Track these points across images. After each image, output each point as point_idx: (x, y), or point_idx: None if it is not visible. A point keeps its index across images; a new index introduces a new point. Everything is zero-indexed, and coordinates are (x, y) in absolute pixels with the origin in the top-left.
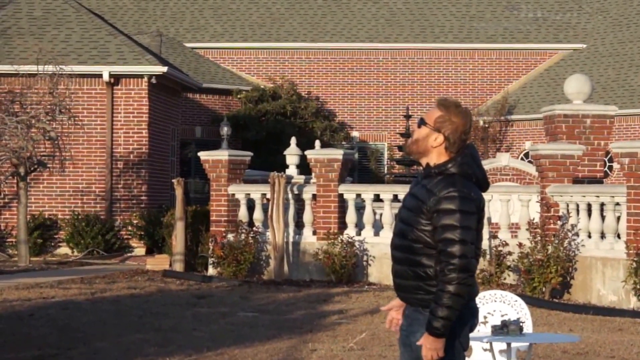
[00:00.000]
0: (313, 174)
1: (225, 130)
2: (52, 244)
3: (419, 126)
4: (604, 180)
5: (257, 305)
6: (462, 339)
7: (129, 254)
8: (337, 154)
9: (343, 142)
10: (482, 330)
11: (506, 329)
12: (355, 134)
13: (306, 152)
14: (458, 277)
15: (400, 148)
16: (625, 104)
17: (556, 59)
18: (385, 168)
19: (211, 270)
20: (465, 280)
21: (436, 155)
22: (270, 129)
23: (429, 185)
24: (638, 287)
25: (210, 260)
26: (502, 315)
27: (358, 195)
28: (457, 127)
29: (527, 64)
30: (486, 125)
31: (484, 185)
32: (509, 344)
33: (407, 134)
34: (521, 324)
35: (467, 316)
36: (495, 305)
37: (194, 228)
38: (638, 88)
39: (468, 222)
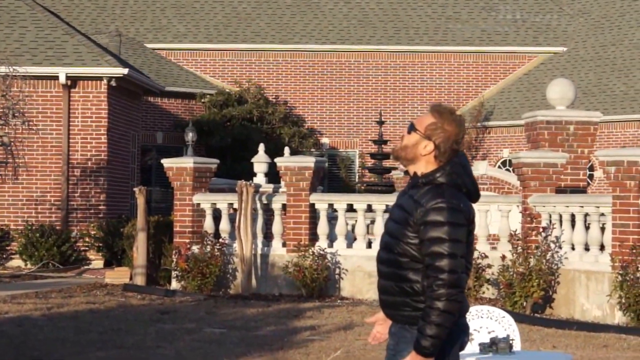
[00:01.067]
0: (283, 183)
1: (190, 136)
2: (4, 255)
3: (409, 132)
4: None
5: (224, 320)
6: (451, 358)
7: (87, 267)
8: (309, 161)
9: (312, 149)
10: (468, 348)
11: (495, 346)
12: (325, 140)
13: (276, 160)
14: (447, 293)
15: (372, 155)
16: (606, 110)
17: (536, 63)
18: (357, 176)
19: (175, 284)
20: (455, 297)
21: (424, 164)
22: (236, 135)
23: (416, 196)
24: (623, 301)
25: (174, 274)
26: (489, 332)
27: (330, 206)
28: (450, 135)
29: (505, 68)
30: None
31: (475, 195)
32: None
33: (380, 141)
34: (511, 342)
35: (457, 334)
36: (482, 321)
37: (157, 239)
38: (620, 94)
39: (457, 234)
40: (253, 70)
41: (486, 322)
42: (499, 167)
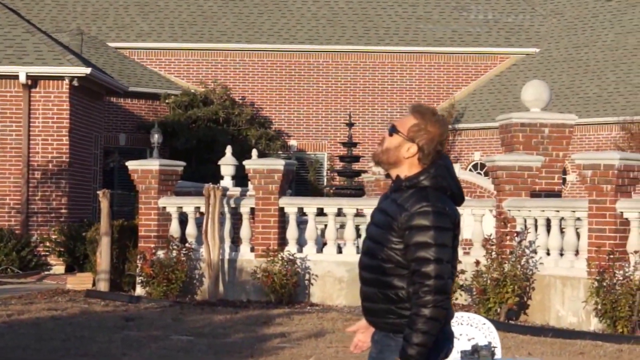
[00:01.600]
0: (251, 186)
1: (156, 137)
2: None
3: (391, 134)
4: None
5: (191, 328)
6: None
7: (47, 272)
8: (278, 164)
9: (280, 152)
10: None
11: (477, 354)
12: (292, 142)
13: (245, 162)
14: (434, 300)
15: (341, 158)
16: (579, 112)
17: (508, 64)
18: (325, 180)
19: (139, 290)
20: (441, 303)
21: (407, 167)
22: (201, 136)
23: (400, 200)
24: (600, 307)
25: (139, 279)
26: (469, 340)
27: (300, 210)
28: (433, 137)
29: (477, 69)
30: None
31: (459, 199)
32: None
33: (349, 143)
34: (493, 349)
35: (443, 341)
36: (462, 328)
37: (121, 244)
38: (593, 96)
39: (443, 239)
40: (219, 71)
41: (466, 329)
42: (470, 170)
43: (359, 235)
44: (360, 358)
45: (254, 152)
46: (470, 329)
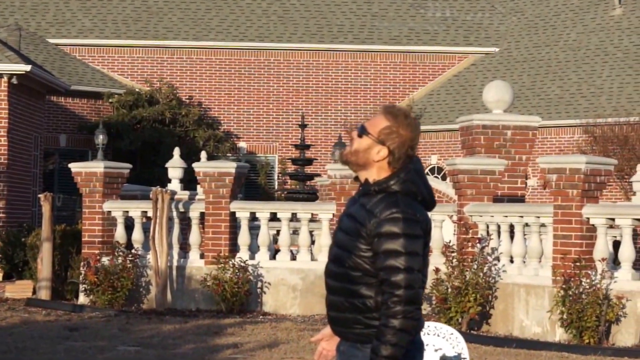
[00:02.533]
0: (200, 190)
1: (100, 138)
2: None
3: (360, 135)
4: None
5: (138, 338)
6: None
7: None
8: (230, 167)
9: (229, 154)
10: None
11: None
12: (242, 144)
13: (194, 165)
14: (404, 311)
15: (294, 161)
16: (541, 114)
17: (466, 64)
18: (276, 183)
19: (83, 299)
20: (412, 314)
21: (377, 170)
22: (147, 138)
23: (369, 205)
24: (565, 317)
25: (82, 287)
26: (436, 350)
27: (252, 214)
28: (405, 140)
29: (434, 69)
30: None
31: (430, 204)
32: None
33: (301, 145)
34: None
35: (413, 353)
36: (429, 338)
37: (63, 250)
38: (555, 97)
39: (414, 247)
40: (165, 69)
41: (433, 339)
42: (427, 174)
43: (313, 242)
44: None
45: (203, 154)
46: (437, 339)
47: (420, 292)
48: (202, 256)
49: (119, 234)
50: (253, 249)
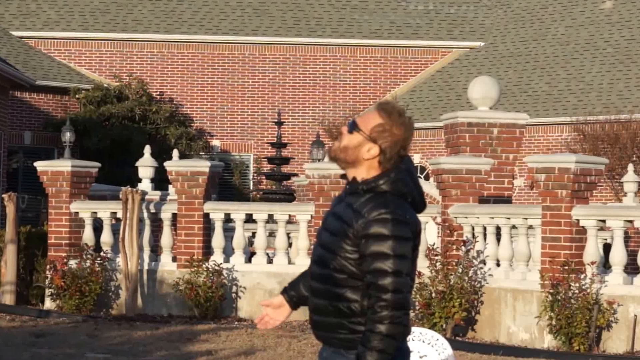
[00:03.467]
0: (172, 190)
1: (67, 136)
2: None
3: (351, 131)
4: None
5: (108, 345)
6: None
7: None
8: (203, 166)
9: (201, 152)
10: None
11: None
12: (215, 142)
13: (166, 164)
14: (391, 316)
15: (270, 160)
16: (528, 111)
17: (450, 59)
18: (252, 183)
19: (49, 304)
20: (399, 320)
21: (366, 169)
22: (116, 135)
23: (356, 205)
24: (554, 323)
25: (48, 292)
26: (421, 357)
27: (226, 216)
28: (397, 140)
29: (417, 64)
30: None
31: (421, 205)
32: None
33: (278, 144)
34: None
35: (399, 359)
36: (413, 344)
37: (28, 253)
38: (543, 94)
39: (403, 249)
40: (134, 63)
41: (418, 345)
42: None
43: (290, 244)
44: None
45: (175, 153)
46: (422, 345)
47: (409, 296)
48: (174, 259)
49: (87, 236)
50: (228, 251)
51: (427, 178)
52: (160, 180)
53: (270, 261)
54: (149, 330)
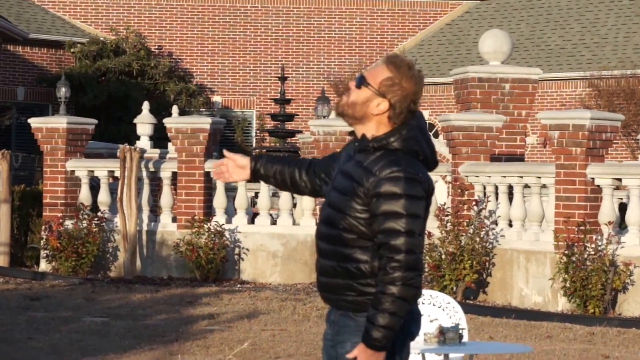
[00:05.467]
0: (172, 148)
1: (63, 91)
2: None
3: (359, 86)
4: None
5: (106, 308)
6: (402, 354)
7: None
8: (204, 122)
9: (202, 109)
10: None
11: (443, 337)
12: (217, 99)
13: (165, 121)
14: (403, 277)
15: (273, 117)
16: (541, 66)
17: (460, 12)
18: (254, 141)
19: (44, 266)
20: (412, 281)
21: (375, 125)
22: (112, 91)
23: (366, 163)
24: (568, 285)
25: (44, 253)
26: (432, 321)
27: None
28: (407, 94)
29: (425, 17)
30: None
31: (432, 164)
32: (446, 356)
33: (282, 100)
34: (461, 331)
35: (409, 323)
36: (424, 308)
37: (23, 213)
38: (556, 48)
39: (415, 208)
40: (132, 16)
41: (428, 308)
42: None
43: (294, 205)
44: (295, 341)
45: (175, 109)
46: (433, 308)
47: (421, 257)
48: (174, 220)
49: (84, 195)
50: (230, 212)
51: (436, 135)
52: (159, 137)
53: (274, 222)
54: (149, 293)
